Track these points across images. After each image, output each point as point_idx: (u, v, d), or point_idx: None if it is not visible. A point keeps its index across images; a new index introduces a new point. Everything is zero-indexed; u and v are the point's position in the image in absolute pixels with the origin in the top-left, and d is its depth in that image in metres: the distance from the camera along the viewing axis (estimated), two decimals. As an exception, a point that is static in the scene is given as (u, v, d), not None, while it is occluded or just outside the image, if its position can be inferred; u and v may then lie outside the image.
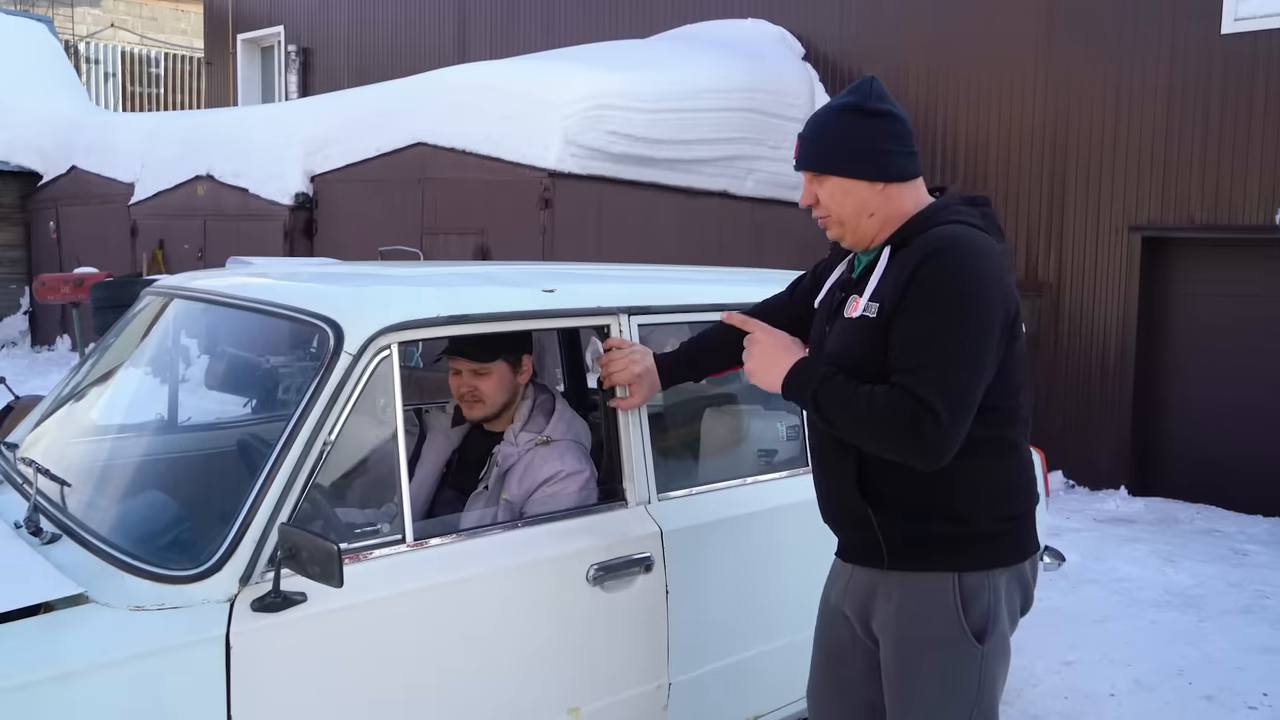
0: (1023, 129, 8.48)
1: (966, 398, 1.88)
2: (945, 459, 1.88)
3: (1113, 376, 8.10)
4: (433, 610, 2.22)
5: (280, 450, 2.10)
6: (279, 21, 14.98)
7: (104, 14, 20.04)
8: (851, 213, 2.05)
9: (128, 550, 2.10)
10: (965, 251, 1.92)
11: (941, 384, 1.85)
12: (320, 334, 2.22)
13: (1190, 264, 7.94)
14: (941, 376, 1.86)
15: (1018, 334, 1.99)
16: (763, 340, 2.17)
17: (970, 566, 2.00)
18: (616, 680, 2.50)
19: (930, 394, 1.84)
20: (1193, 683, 4.20)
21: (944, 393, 1.85)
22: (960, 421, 1.86)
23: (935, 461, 1.88)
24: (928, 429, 1.84)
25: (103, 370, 2.90)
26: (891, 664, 2.06)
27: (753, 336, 2.19)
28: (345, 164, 9.42)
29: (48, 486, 2.35)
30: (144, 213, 11.49)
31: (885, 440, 1.92)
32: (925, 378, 1.86)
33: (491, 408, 2.75)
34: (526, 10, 11.91)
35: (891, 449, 1.92)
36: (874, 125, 2.02)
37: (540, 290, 2.54)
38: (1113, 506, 7.54)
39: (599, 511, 2.53)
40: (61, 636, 1.88)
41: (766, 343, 2.16)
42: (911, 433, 1.86)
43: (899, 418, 1.86)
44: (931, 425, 1.84)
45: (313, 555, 1.93)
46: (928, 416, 1.84)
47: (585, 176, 7.92)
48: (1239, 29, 7.50)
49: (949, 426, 1.84)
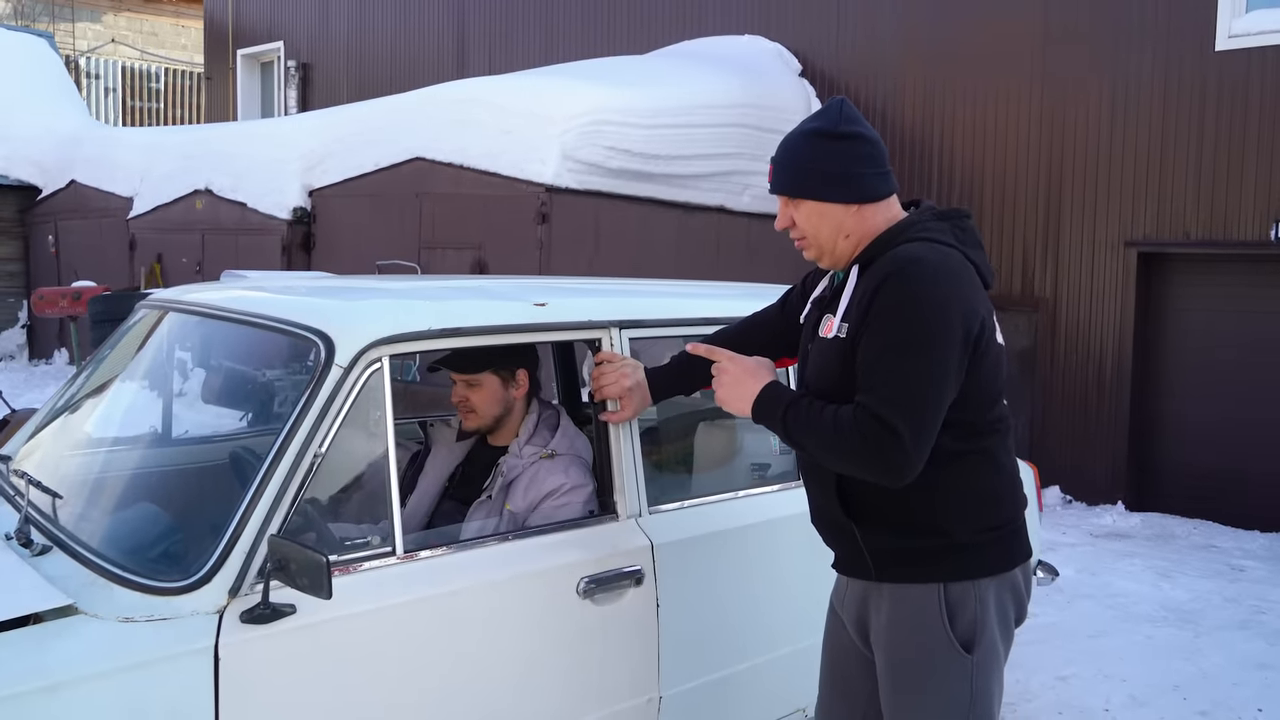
0: (1018, 145, 8.52)
1: (927, 416, 1.90)
2: (911, 475, 1.91)
3: (1109, 391, 8.11)
4: (423, 623, 2.21)
5: (270, 462, 2.10)
6: (279, 37, 15.04)
7: (105, 29, 20.13)
8: (828, 235, 2.09)
9: (117, 562, 2.10)
10: (923, 271, 1.94)
11: (900, 403, 1.88)
12: (311, 346, 2.23)
13: (1186, 279, 7.96)
14: (900, 395, 1.89)
15: (987, 348, 2.00)
16: (730, 369, 2.18)
17: (954, 576, 2.01)
18: (607, 694, 2.50)
19: (889, 413, 1.87)
20: (1187, 698, 4.19)
21: (903, 412, 1.88)
22: (921, 439, 1.89)
23: (900, 479, 1.91)
24: (889, 448, 1.87)
25: (97, 383, 2.91)
26: (885, 675, 2.08)
27: (719, 365, 2.21)
28: (343, 179, 9.45)
29: (39, 498, 2.36)
30: (142, 227, 11.52)
31: (851, 460, 1.95)
32: (884, 396, 1.89)
33: (484, 419, 2.76)
34: (525, 26, 11.97)
35: (857, 468, 1.96)
36: (845, 148, 2.05)
37: (531, 304, 2.55)
38: (1109, 522, 7.54)
39: (590, 525, 2.54)
40: (50, 647, 1.88)
41: (734, 370, 2.17)
42: (874, 452, 1.89)
43: (862, 438, 1.90)
44: (893, 444, 1.87)
45: (301, 567, 1.94)
46: (889, 436, 1.87)
47: (582, 191, 7.95)
48: (1232, 46, 7.54)
49: (910, 445, 1.87)
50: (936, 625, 2.00)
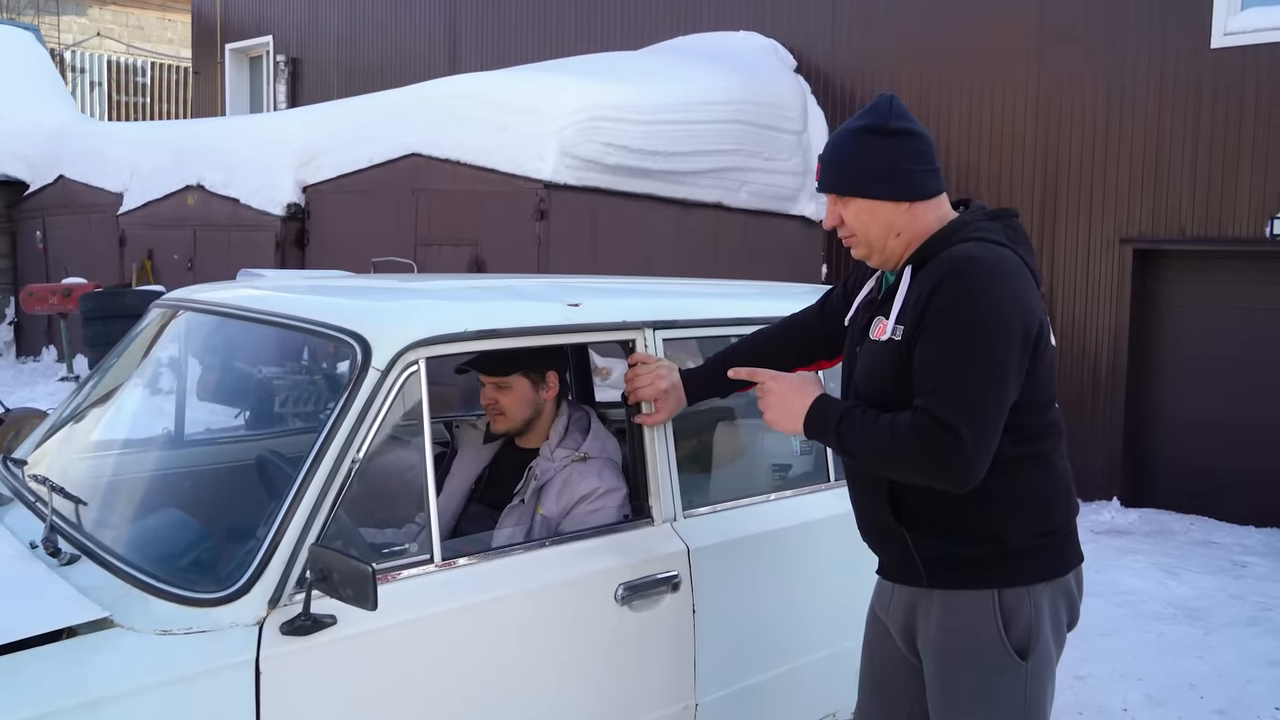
0: (1014, 142, 8.52)
1: (989, 418, 1.86)
2: (974, 481, 1.86)
3: (1105, 388, 8.13)
4: (463, 631, 2.17)
5: (309, 469, 2.05)
6: (268, 31, 14.89)
7: (90, 23, 19.90)
8: (878, 234, 2.04)
9: (152, 572, 2.04)
10: (981, 270, 1.90)
11: (961, 405, 1.84)
12: (348, 349, 2.18)
13: (1181, 276, 7.99)
14: (962, 398, 1.85)
15: (1044, 349, 1.97)
16: (774, 388, 2.13)
17: (1010, 582, 1.98)
18: (643, 701, 2.46)
19: (951, 416, 1.83)
20: (1204, 697, 4.20)
21: (965, 414, 1.83)
22: (984, 443, 1.85)
23: (964, 484, 1.87)
24: (951, 452, 1.83)
25: (115, 383, 2.84)
26: (935, 683, 2.04)
27: (764, 386, 2.15)
28: (338, 174, 9.36)
29: (62, 505, 2.30)
30: (133, 223, 11.38)
31: (911, 467, 1.90)
32: (944, 399, 1.85)
33: (514, 422, 2.72)
34: (518, 21, 11.89)
35: (918, 475, 1.91)
36: (896, 145, 2.01)
37: (565, 304, 2.51)
38: (1107, 518, 7.56)
39: (626, 530, 2.50)
40: (88, 662, 1.82)
41: (779, 389, 2.12)
42: (936, 457, 1.85)
43: (922, 443, 1.86)
44: (955, 448, 1.83)
45: (345, 577, 1.89)
46: (951, 440, 1.83)
47: (580, 188, 7.90)
48: (1228, 43, 7.57)
49: (972, 448, 1.83)
50: (991, 632, 1.96)
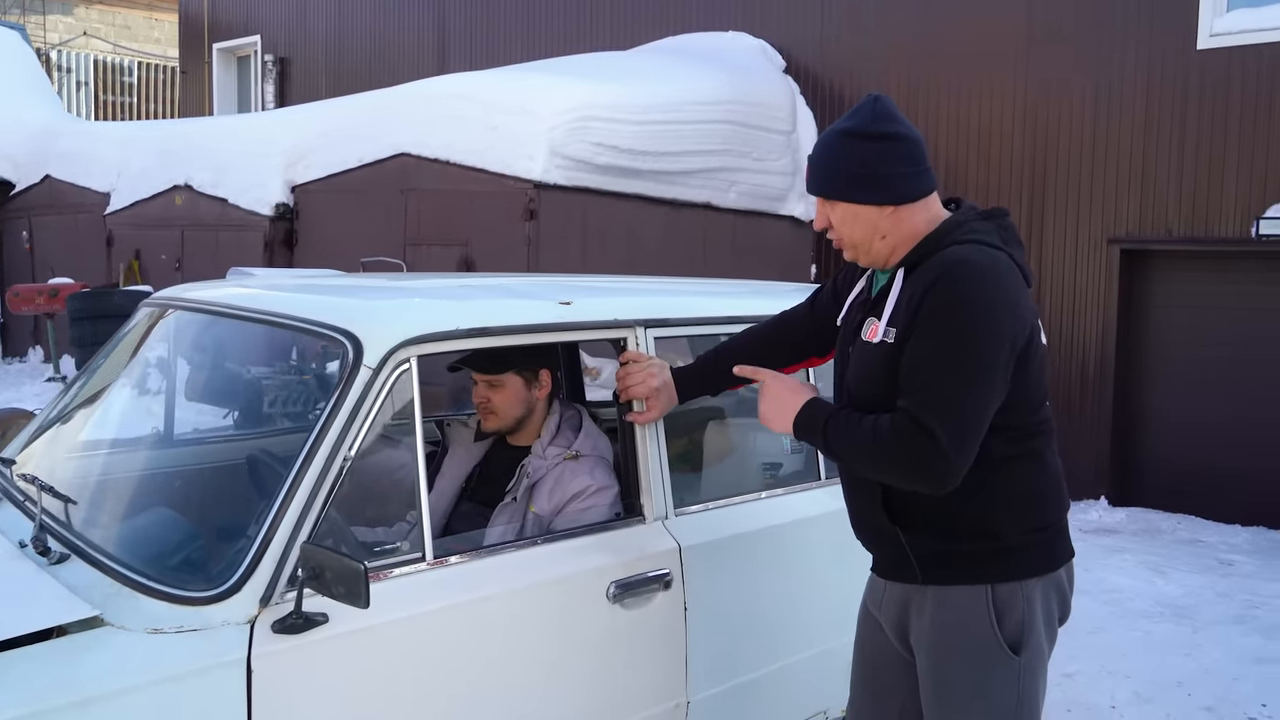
0: (1002, 142, 8.56)
1: (969, 421, 1.87)
2: (954, 482, 1.88)
3: (1092, 387, 8.17)
4: (454, 629, 2.17)
5: (300, 466, 2.05)
6: (255, 31, 14.85)
7: (76, 22, 19.81)
8: (862, 237, 2.05)
9: (142, 570, 2.03)
10: (975, 274, 1.91)
11: (941, 407, 1.85)
12: (339, 347, 2.18)
13: (1168, 276, 8.04)
14: (941, 400, 1.86)
15: (1034, 351, 1.98)
16: (772, 385, 2.18)
17: (1003, 577, 1.99)
18: (635, 699, 2.46)
19: (929, 418, 1.85)
20: (1191, 694, 4.22)
21: (943, 416, 1.85)
22: (963, 445, 1.86)
23: (943, 486, 1.88)
24: (927, 453, 1.85)
25: (104, 383, 2.83)
26: (928, 678, 2.05)
27: (763, 383, 2.20)
28: (327, 174, 9.33)
29: (51, 504, 2.29)
30: (120, 223, 11.33)
31: (892, 468, 1.92)
32: (922, 400, 1.87)
33: (505, 420, 2.72)
34: (506, 21, 11.88)
35: (897, 476, 1.93)
36: (879, 149, 2.00)
37: (557, 302, 2.51)
38: (1095, 517, 7.60)
39: (617, 527, 2.50)
40: (79, 661, 1.82)
41: (776, 388, 2.17)
42: (912, 457, 1.87)
43: (900, 443, 1.87)
44: (932, 449, 1.84)
45: (338, 575, 1.89)
46: (926, 440, 1.84)
47: (570, 188, 7.90)
48: (1214, 45, 7.62)
49: (950, 450, 1.84)
50: (984, 627, 1.98)
